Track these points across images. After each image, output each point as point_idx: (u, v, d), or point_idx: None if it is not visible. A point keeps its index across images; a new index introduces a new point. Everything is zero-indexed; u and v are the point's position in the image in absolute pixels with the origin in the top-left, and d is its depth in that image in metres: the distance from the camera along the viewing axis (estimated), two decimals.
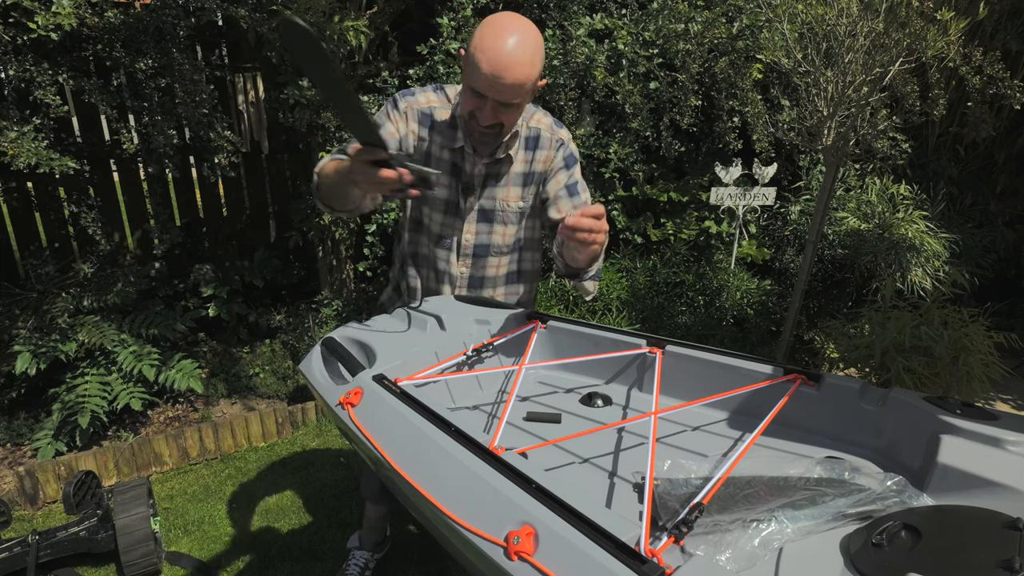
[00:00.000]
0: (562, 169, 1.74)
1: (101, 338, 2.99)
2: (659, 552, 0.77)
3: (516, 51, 1.45)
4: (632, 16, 3.76)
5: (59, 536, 2.27)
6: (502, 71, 1.45)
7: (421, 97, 1.69)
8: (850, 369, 3.31)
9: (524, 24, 1.48)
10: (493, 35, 1.45)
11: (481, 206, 1.73)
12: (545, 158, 1.73)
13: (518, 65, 1.45)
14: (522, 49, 1.45)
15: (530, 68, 1.48)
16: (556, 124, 1.76)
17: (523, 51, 1.46)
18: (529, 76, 1.49)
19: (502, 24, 1.46)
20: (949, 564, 0.80)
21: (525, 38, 1.46)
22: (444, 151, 1.68)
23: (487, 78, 1.46)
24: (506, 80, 1.46)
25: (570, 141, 1.76)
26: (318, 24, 2.99)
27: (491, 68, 1.45)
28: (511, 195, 1.73)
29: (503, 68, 1.44)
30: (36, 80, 2.73)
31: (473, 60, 1.46)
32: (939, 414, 1.06)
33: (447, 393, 1.48)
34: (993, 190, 4.13)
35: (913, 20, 2.39)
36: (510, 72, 1.45)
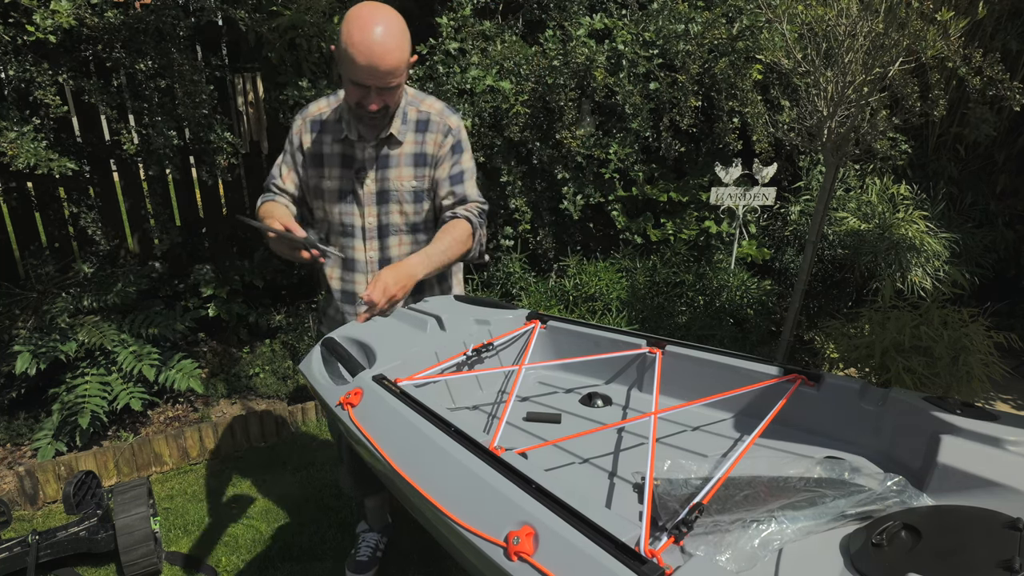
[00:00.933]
0: (448, 156, 1.84)
1: (101, 338, 2.99)
2: (659, 552, 0.77)
3: (385, 39, 1.57)
4: (632, 16, 3.76)
5: (59, 536, 2.27)
6: (377, 60, 1.57)
7: (313, 107, 1.88)
8: (850, 369, 3.31)
9: (385, 11, 1.60)
10: (360, 28, 1.56)
11: (378, 188, 1.84)
12: (434, 141, 1.84)
13: (389, 52, 1.58)
14: (390, 35, 1.58)
15: (400, 52, 1.61)
16: (448, 110, 1.87)
17: (391, 37, 1.58)
18: (401, 59, 1.62)
19: (366, 16, 1.57)
20: (949, 564, 0.80)
21: (389, 25, 1.58)
22: (334, 145, 1.83)
23: (365, 69, 1.58)
24: (382, 68, 1.58)
25: (460, 129, 1.86)
26: (318, 24, 2.99)
27: (367, 59, 1.56)
28: (404, 175, 1.84)
29: (377, 57, 1.56)
30: (36, 80, 2.73)
31: (348, 55, 1.58)
32: (939, 414, 1.06)
33: (447, 393, 1.48)
34: (993, 190, 4.13)
35: (913, 20, 2.39)
36: (384, 60, 1.58)
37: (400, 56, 1.60)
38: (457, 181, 1.84)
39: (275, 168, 1.96)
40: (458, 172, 1.84)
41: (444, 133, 1.83)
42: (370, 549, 2.30)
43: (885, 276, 3.51)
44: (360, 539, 2.34)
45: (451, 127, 1.83)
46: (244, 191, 4.04)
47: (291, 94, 3.21)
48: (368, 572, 2.25)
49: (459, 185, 1.84)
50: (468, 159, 1.87)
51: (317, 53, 3.29)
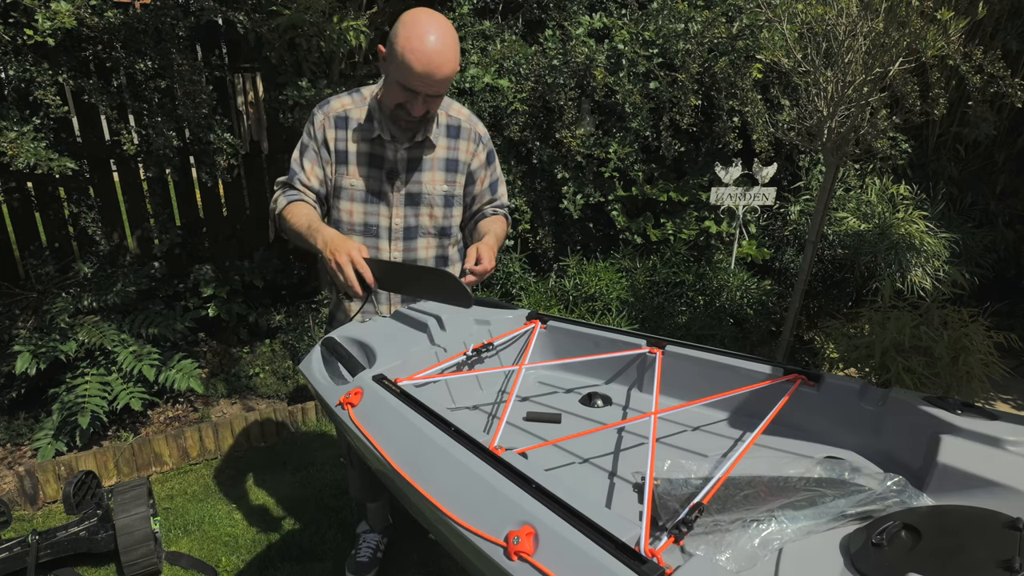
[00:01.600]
0: (484, 167, 1.92)
1: (101, 338, 2.99)
2: (659, 552, 0.77)
3: (444, 49, 1.58)
4: (632, 16, 3.76)
5: (59, 536, 2.27)
6: (434, 69, 1.58)
7: (336, 103, 1.83)
8: (850, 369, 3.31)
9: (442, 20, 1.61)
10: (420, 36, 1.57)
11: (408, 191, 1.84)
12: (467, 149, 1.88)
13: (447, 62, 1.60)
14: (447, 45, 1.59)
15: (455, 62, 1.63)
16: (475, 117, 1.92)
17: (449, 47, 1.60)
18: (455, 69, 1.64)
19: (426, 24, 1.58)
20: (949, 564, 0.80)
21: (447, 35, 1.60)
22: (362, 144, 1.81)
23: (420, 76, 1.59)
24: (438, 76, 1.60)
25: (487, 136, 1.93)
26: (318, 24, 2.99)
27: (424, 67, 1.57)
28: (436, 179, 1.85)
29: (435, 66, 1.58)
30: (36, 80, 2.73)
31: (404, 60, 1.58)
32: (939, 414, 1.06)
33: (447, 393, 1.48)
34: (993, 190, 4.13)
35: (913, 20, 2.39)
36: (441, 69, 1.59)
37: (454, 66, 1.63)
38: (495, 189, 1.97)
39: (295, 163, 1.88)
40: (496, 180, 1.97)
41: (476, 142, 1.88)
42: (370, 550, 2.30)
43: (885, 276, 3.51)
44: (360, 540, 2.34)
45: (481, 135, 1.89)
46: (244, 191, 4.04)
47: (291, 94, 3.21)
48: (368, 573, 2.25)
49: (497, 191, 1.97)
50: (498, 165, 1.97)
51: (317, 53, 3.29)
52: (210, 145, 3.19)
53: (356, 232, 1.86)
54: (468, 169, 1.89)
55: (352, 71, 3.67)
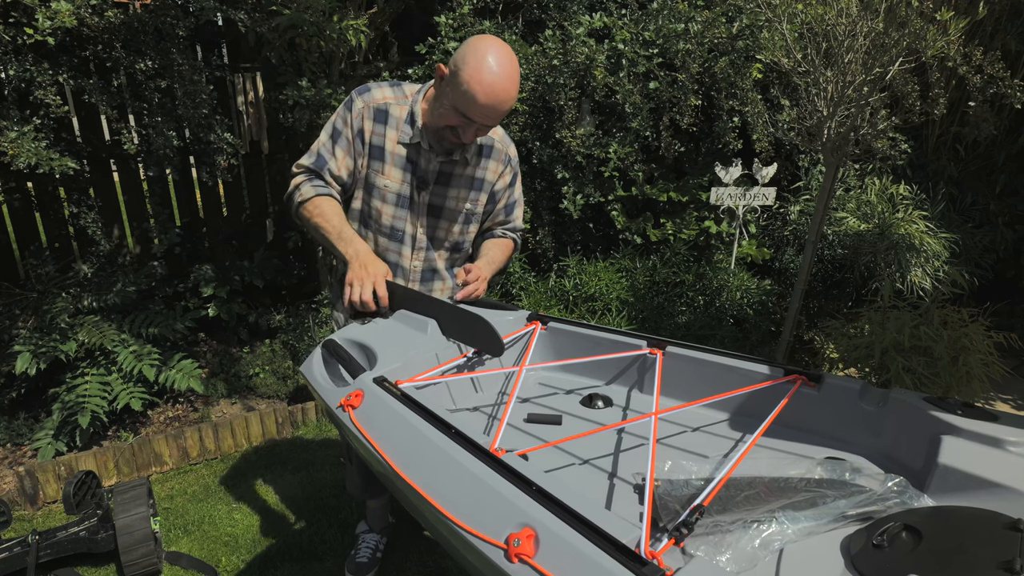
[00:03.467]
0: (508, 188, 1.90)
1: (101, 338, 2.99)
2: (659, 554, 0.77)
3: (509, 85, 1.55)
4: (632, 16, 3.76)
5: (59, 536, 2.27)
6: (499, 104, 1.56)
7: (377, 93, 1.75)
8: (850, 369, 3.31)
9: (510, 53, 1.56)
10: (490, 68, 1.52)
11: (432, 202, 1.81)
12: (495, 168, 1.85)
13: (511, 98, 1.57)
14: (513, 81, 1.56)
15: (516, 97, 1.60)
16: (507, 137, 1.89)
17: (515, 83, 1.56)
18: (514, 103, 1.62)
19: (496, 55, 1.53)
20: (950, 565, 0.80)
21: (513, 69, 1.55)
22: (399, 145, 1.75)
23: (483, 108, 1.55)
24: (500, 110, 1.58)
25: (516, 157, 1.90)
26: (318, 24, 2.99)
27: (489, 100, 1.54)
28: (461, 196, 1.83)
29: (500, 101, 1.55)
30: (36, 80, 2.73)
31: (468, 89, 1.53)
32: (939, 414, 1.06)
33: (448, 395, 1.48)
34: (993, 190, 4.13)
35: (913, 20, 2.39)
36: (505, 105, 1.57)
37: (514, 101, 1.60)
38: (511, 210, 1.95)
39: (323, 149, 1.76)
40: (513, 202, 1.94)
41: (505, 163, 1.86)
42: (370, 550, 2.30)
43: (885, 276, 3.51)
44: (360, 540, 2.34)
45: (511, 156, 1.87)
46: (244, 191, 4.04)
47: (291, 94, 3.21)
48: (367, 574, 2.25)
49: (512, 213, 1.95)
50: (520, 185, 1.95)
51: (317, 53, 3.29)
52: (210, 145, 3.19)
53: (383, 234, 1.82)
54: (492, 189, 1.87)
55: (352, 71, 3.66)
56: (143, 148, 3.20)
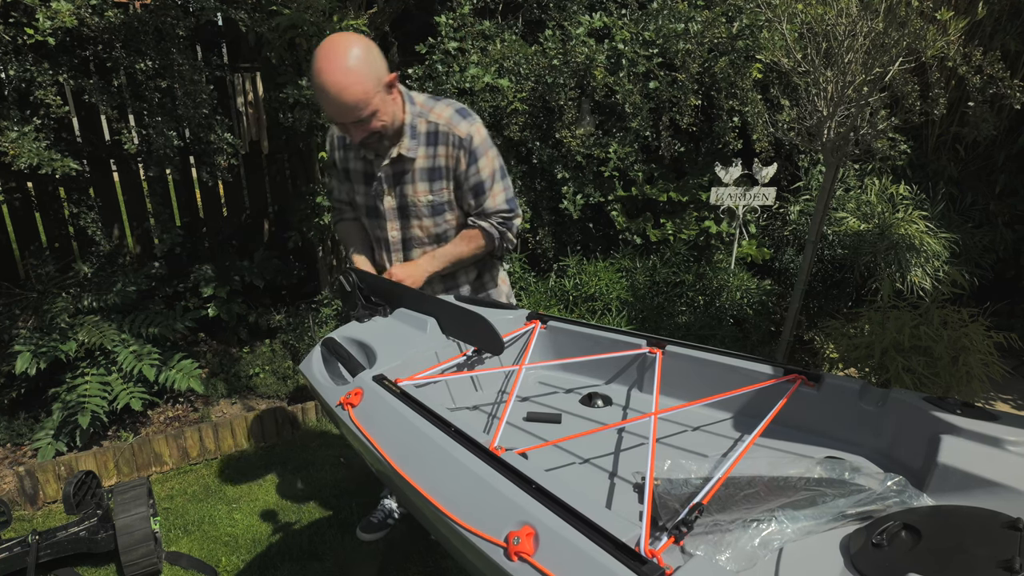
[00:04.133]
0: (465, 171, 1.81)
1: (101, 338, 2.99)
2: (659, 552, 0.77)
3: (341, 77, 1.55)
4: (632, 16, 3.76)
5: (59, 536, 2.27)
6: (338, 99, 1.57)
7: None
8: (850, 369, 3.31)
9: (342, 46, 1.57)
10: (318, 71, 1.56)
11: (398, 204, 1.86)
12: (445, 153, 1.80)
13: (345, 89, 1.56)
14: (344, 74, 1.55)
15: (360, 85, 1.57)
16: (457, 116, 1.79)
17: (347, 74, 1.55)
18: (364, 92, 1.58)
19: (322, 55, 1.56)
20: (949, 564, 0.80)
21: (342, 63, 1.55)
22: (357, 162, 1.87)
23: (330, 108, 1.61)
24: (345, 104, 1.58)
25: (473, 135, 1.78)
26: (318, 23, 2.99)
27: (328, 100, 1.58)
28: (419, 190, 1.83)
29: (338, 97, 1.56)
30: (36, 80, 2.73)
31: (315, 94, 1.62)
32: (939, 414, 1.06)
33: (447, 393, 1.48)
34: (993, 190, 4.13)
35: (912, 20, 2.39)
36: (344, 97, 1.56)
37: (361, 89, 1.57)
38: (478, 192, 1.84)
39: (330, 182, 2.05)
40: (477, 183, 1.83)
41: (456, 145, 1.78)
42: (383, 514, 2.44)
43: (884, 276, 3.51)
44: (379, 504, 2.49)
45: (461, 137, 1.77)
46: (244, 191, 4.04)
47: (291, 93, 3.21)
48: (374, 532, 2.36)
49: (480, 196, 1.84)
50: (487, 164, 1.82)
51: None
52: (210, 145, 3.19)
53: (378, 244, 1.95)
54: (453, 175, 1.83)
55: None
56: (143, 148, 3.20)
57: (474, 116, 1.82)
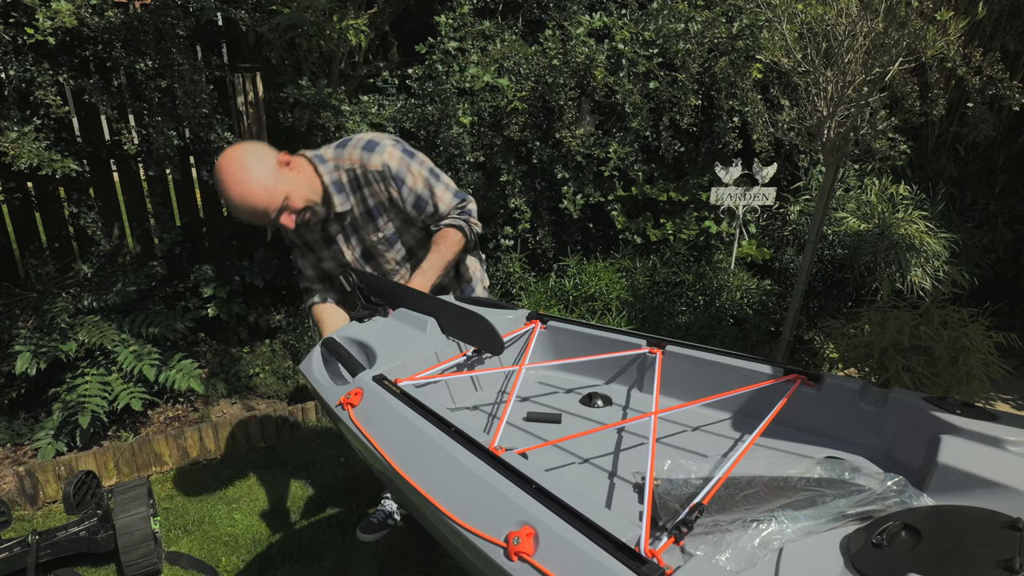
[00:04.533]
0: (397, 196, 1.84)
1: (101, 338, 2.99)
2: (659, 552, 0.77)
3: (240, 191, 1.63)
4: (632, 16, 3.76)
5: (59, 536, 2.27)
6: (250, 212, 1.66)
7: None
8: (850, 369, 3.31)
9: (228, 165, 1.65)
10: (222, 193, 1.67)
11: (361, 251, 1.94)
12: (374, 191, 1.84)
13: (250, 198, 1.63)
14: (240, 185, 1.63)
15: (257, 185, 1.63)
16: (366, 153, 1.80)
17: (241, 185, 1.63)
18: (263, 188, 1.64)
19: (220, 180, 1.65)
20: (949, 564, 0.80)
21: (235, 176, 1.63)
22: (311, 233, 1.93)
23: (251, 220, 1.69)
24: (257, 212, 1.66)
25: (387, 163, 1.79)
26: (318, 23, 2.99)
27: (244, 215, 1.68)
28: (369, 231, 1.90)
29: (249, 211, 1.66)
30: (36, 80, 2.73)
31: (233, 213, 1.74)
32: (939, 414, 1.06)
33: (447, 393, 1.48)
34: (993, 190, 4.13)
35: (912, 20, 2.39)
36: (252, 206, 1.65)
37: (260, 188, 1.63)
38: (422, 207, 1.86)
39: (296, 263, 2.06)
40: (415, 200, 1.84)
41: (377, 180, 1.82)
42: (383, 515, 2.44)
43: (884, 276, 3.51)
44: (380, 504, 2.49)
45: (378, 171, 1.80)
46: None
47: (291, 93, 3.21)
48: (374, 533, 2.36)
49: (425, 208, 1.86)
50: (415, 179, 1.83)
51: (317, 52, 3.29)
52: (210, 145, 3.19)
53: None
54: (390, 205, 1.86)
55: (352, 71, 3.67)
56: (143, 148, 3.20)
57: (381, 143, 1.81)
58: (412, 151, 1.86)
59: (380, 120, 3.44)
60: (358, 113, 3.36)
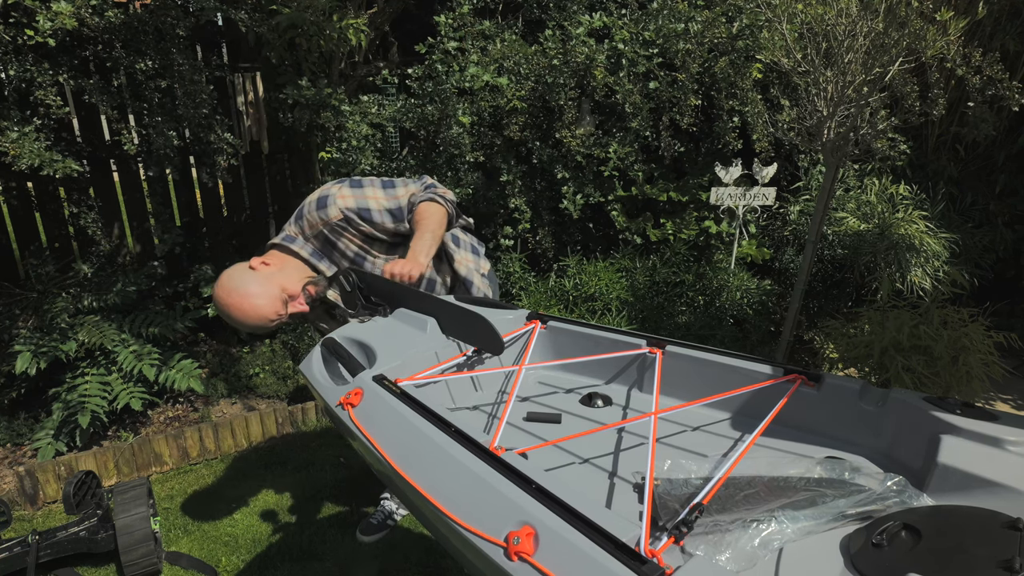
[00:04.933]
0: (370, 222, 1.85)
1: (101, 338, 2.99)
2: (659, 552, 0.77)
3: (247, 315, 1.71)
4: (632, 15, 3.76)
5: (59, 536, 2.27)
6: (262, 327, 1.75)
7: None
8: (850, 369, 3.31)
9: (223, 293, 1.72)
10: (232, 320, 1.73)
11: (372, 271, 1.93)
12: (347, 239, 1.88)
13: (256, 317, 1.72)
14: (246, 311, 1.71)
15: (261, 305, 1.71)
16: (322, 211, 1.84)
17: (248, 311, 1.71)
18: (268, 303, 1.72)
19: (224, 311, 1.73)
20: (949, 564, 0.80)
21: (236, 307, 1.71)
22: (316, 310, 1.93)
23: (265, 329, 1.78)
24: (266, 321, 1.74)
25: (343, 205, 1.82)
26: (318, 23, 2.99)
27: (258, 330, 1.79)
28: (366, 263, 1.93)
29: (260, 326, 1.75)
30: (37, 80, 2.73)
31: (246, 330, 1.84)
32: (939, 414, 1.06)
33: (447, 393, 1.48)
34: (993, 190, 4.13)
35: (912, 20, 2.39)
36: (261, 322, 1.73)
37: (262, 305, 1.71)
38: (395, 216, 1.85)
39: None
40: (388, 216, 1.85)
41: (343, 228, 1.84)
42: (383, 515, 2.46)
43: (884, 276, 3.51)
44: (379, 504, 2.51)
45: (338, 220, 1.82)
46: (244, 191, 4.04)
47: (291, 93, 3.21)
48: (374, 533, 2.37)
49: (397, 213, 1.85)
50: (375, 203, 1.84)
51: (317, 52, 3.29)
52: (210, 145, 3.19)
53: None
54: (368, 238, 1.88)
55: (352, 71, 3.67)
56: (143, 148, 3.20)
57: (329, 193, 1.84)
58: (358, 179, 1.90)
59: (380, 120, 3.44)
60: (358, 113, 3.37)
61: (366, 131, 3.37)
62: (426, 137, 3.57)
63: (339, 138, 3.37)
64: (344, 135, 3.34)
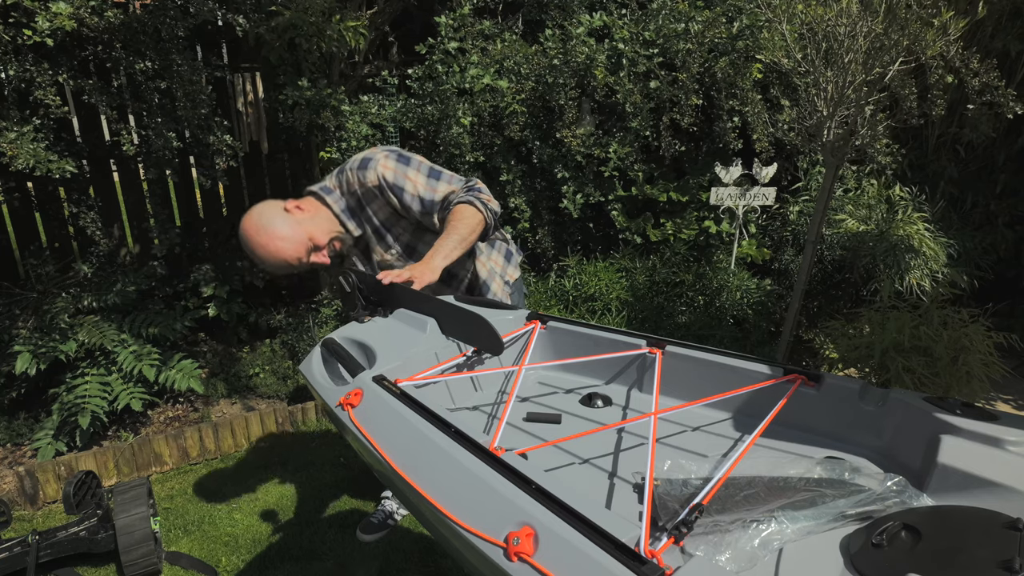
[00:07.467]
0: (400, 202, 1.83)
1: (101, 338, 2.99)
2: (659, 553, 0.77)
3: (270, 253, 1.73)
4: (632, 16, 3.76)
5: (59, 536, 2.27)
6: (282, 268, 1.77)
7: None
8: (850, 369, 3.31)
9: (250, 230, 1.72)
10: (253, 255, 1.75)
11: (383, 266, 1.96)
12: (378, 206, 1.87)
13: (279, 257, 1.73)
14: (269, 249, 1.72)
15: (285, 246, 1.72)
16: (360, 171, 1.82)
17: (271, 249, 1.72)
18: (292, 246, 1.73)
19: (248, 244, 1.73)
20: (949, 564, 0.80)
21: (261, 244, 1.71)
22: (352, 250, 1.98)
23: (289, 270, 1.80)
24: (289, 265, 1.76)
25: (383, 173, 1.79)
26: (317, 24, 2.99)
27: (277, 270, 1.79)
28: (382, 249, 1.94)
29: (280, 267, 1.76)
30: (36, 80, 2.73)
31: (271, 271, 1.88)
32: (939, 414, 1.06)
33: (447, 394, 1.48)
34: (993, 190, 4.12)
35: (912, 21, 2.39)
36: (281, 263, 1.74)
37: (286, 247, 1.71)
38: (428, 207, 1.82)
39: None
40: (419, 204, 1.82)
41: (376, 195, 1.83)
42: (383, 515, 2.45)
43: (884, 277, 3.50)
44: (380, 503, 2.50)
45: (377, 185, 1.80)
46: (244, 191, 4.04)
47: (291, 94, 3.21)
48: (374, 533, 2.36)
49: (432, 206, 1.82)
50: (413, 183, 1.81)
51: (317, 53, 3.29)
52: (209, 147, 3.19)
53: None
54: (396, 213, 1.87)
55: (352, 71, 3.67)
56: (143, 149, 3.20)
57: (374, 157, 1.80)
58: (408, 156, 1.83)
59: (380, 120, 3.44)
60: (358, 113, 3.37)
61: (366, 131, 3.37)
62: (426, 137, 3.57)
63: (339, 138, 3.37)
64: (344, 135, 3.34)
